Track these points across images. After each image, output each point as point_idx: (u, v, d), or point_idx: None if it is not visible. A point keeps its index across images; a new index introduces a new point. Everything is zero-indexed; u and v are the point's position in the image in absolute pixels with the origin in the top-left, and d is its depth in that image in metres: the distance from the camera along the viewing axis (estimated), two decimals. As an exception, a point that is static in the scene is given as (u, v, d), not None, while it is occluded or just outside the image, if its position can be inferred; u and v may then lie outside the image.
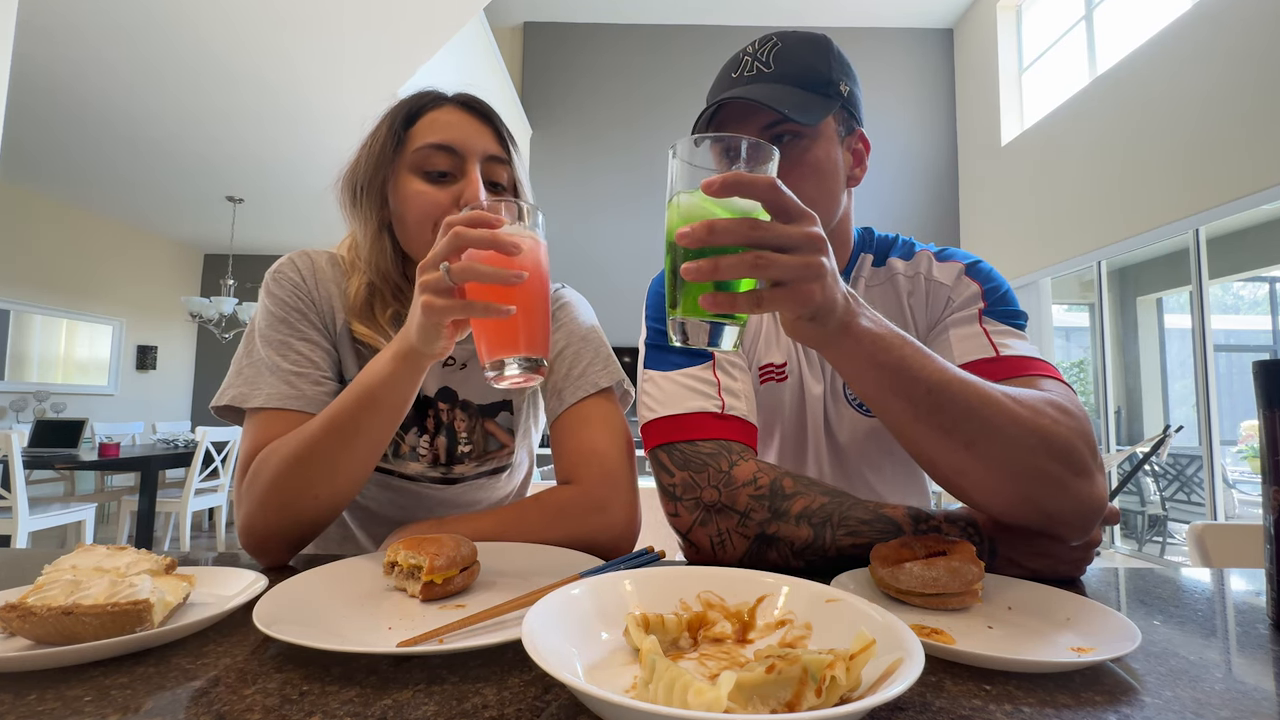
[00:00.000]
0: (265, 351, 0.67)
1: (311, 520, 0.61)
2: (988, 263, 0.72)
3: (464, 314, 0.49)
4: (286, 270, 0.72)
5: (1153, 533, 4.47)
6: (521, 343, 0.52)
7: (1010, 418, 0.49)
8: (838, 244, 0.75)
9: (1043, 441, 0.50)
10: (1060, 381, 0.59)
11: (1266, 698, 0.35)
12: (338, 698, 0.32)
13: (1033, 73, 5.69)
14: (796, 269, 0.40)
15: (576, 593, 0.40)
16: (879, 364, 0.47)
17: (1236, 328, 5.67)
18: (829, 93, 0.67)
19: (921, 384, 0.48)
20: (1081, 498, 0.51)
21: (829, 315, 0.44)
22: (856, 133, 0.72)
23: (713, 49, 6.56)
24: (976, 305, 0.67)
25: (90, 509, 3.24)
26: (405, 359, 0.55)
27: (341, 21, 2.96)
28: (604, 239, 6.24)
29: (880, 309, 0.62)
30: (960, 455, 0.50)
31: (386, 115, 0.72)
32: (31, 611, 0.36)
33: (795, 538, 0.57)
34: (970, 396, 0.49)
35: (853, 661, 0.29)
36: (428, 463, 0.77)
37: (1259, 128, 3.39)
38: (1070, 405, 0.54)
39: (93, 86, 3.40)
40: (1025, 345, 0.64)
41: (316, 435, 0.58)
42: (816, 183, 0.67)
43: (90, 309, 5.67)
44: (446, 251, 0.48)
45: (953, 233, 6.32)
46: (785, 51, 0.67)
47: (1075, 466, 0.51)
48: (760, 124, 0.66)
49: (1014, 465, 0.50)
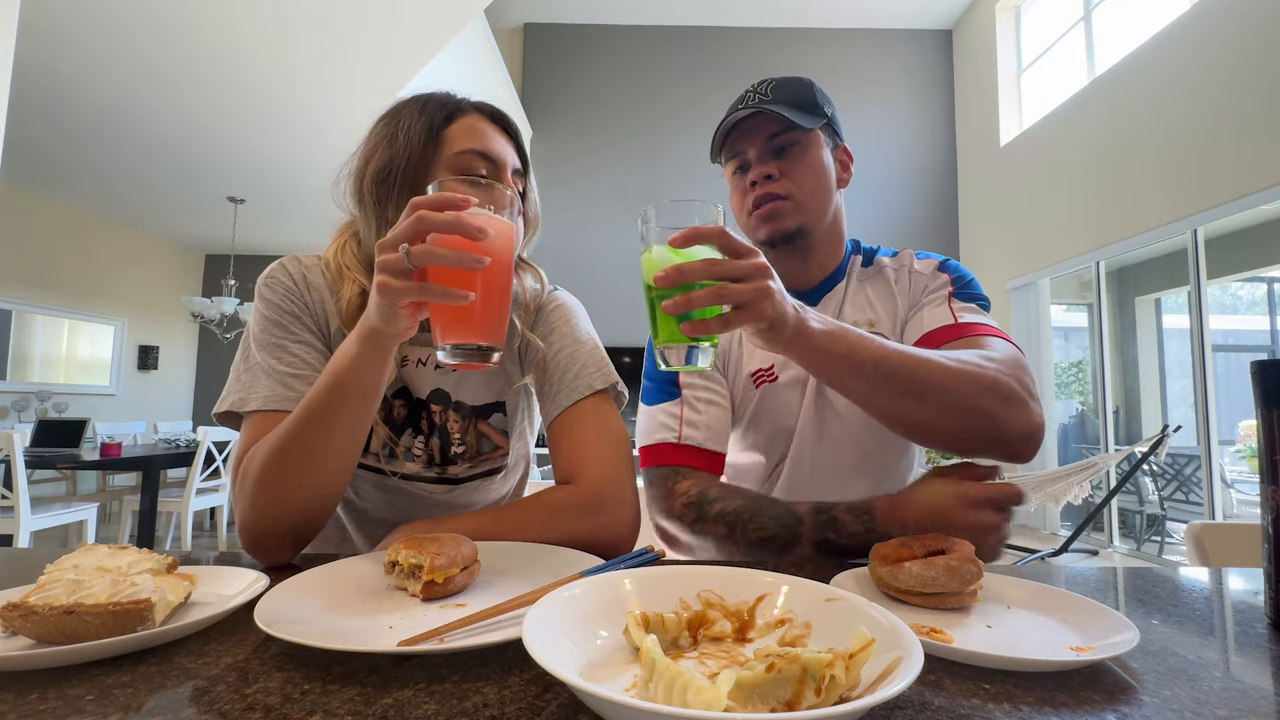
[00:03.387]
0: (260, 355, 0.67)
1: (302, 513, 0.61)
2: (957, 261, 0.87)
3: (420, 297, 0.48)
4: (278, 274, 0.72)
5: (1151, 532, 4.46)
6: (477, 329, 0.50)
7: (943, 370, 0.62)
8: (831, 238, 0.88)
9: (973, 383, 0.62)
10: (1004, 339, 0.73)
11: (1265, 696, 0.35)
12: (339, 696, 0.32)
13: (1031, 73, 5.70)
14: (750, 293, 0.50)
15: (576, 592, 0.40)
16: (831, 354, 0.58)
17: (1235, 328, 5.68)
18: (816, 112, 0.83)
19: (869, 361, 0.60)
20: (1017, 420, 0.64)
21: (783, 325, 0.54)
22: (840, 147, 0.89)
23: (712, 49, 6.56)
24: (946, 289, 0.82)
25: (92, 508, 3.24)
26: (368, 340, 0.54)
27: (343, 22, 2.96)
28: (603, 239, 6.24)
29: (875, 291, 0.87)
30: (914, 409, 0.62)
31: (418, 111, 0.71)
32: (33, 611, 0.36)
33: (715, 533, 0.72)
34: (909, 362, 0.61)
35: (852, 660, 0.29)
36: (423, 463, 0.77)
37: (1257, 128, 3.40)
38: (1000, 354, 0.68)
39: (94, 87, 3.40)
40: (981, 317, 0.78)
41: (294, 427, 0.58)
42: (814, 178, 0.83)
43: (92, 309, 5.67)
44: (407, 233, 0.47)
45: (951, 233, 6.32)
46: (779, 86, 0.84)
47: (1005, 396, 0.64)
48: (767, 133, 0.82)
49: (955, 406, 0.62)
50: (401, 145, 0.69)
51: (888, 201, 6.29)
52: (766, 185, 0.82)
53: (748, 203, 0.84)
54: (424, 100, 0.72)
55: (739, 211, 0.87)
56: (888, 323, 0.85)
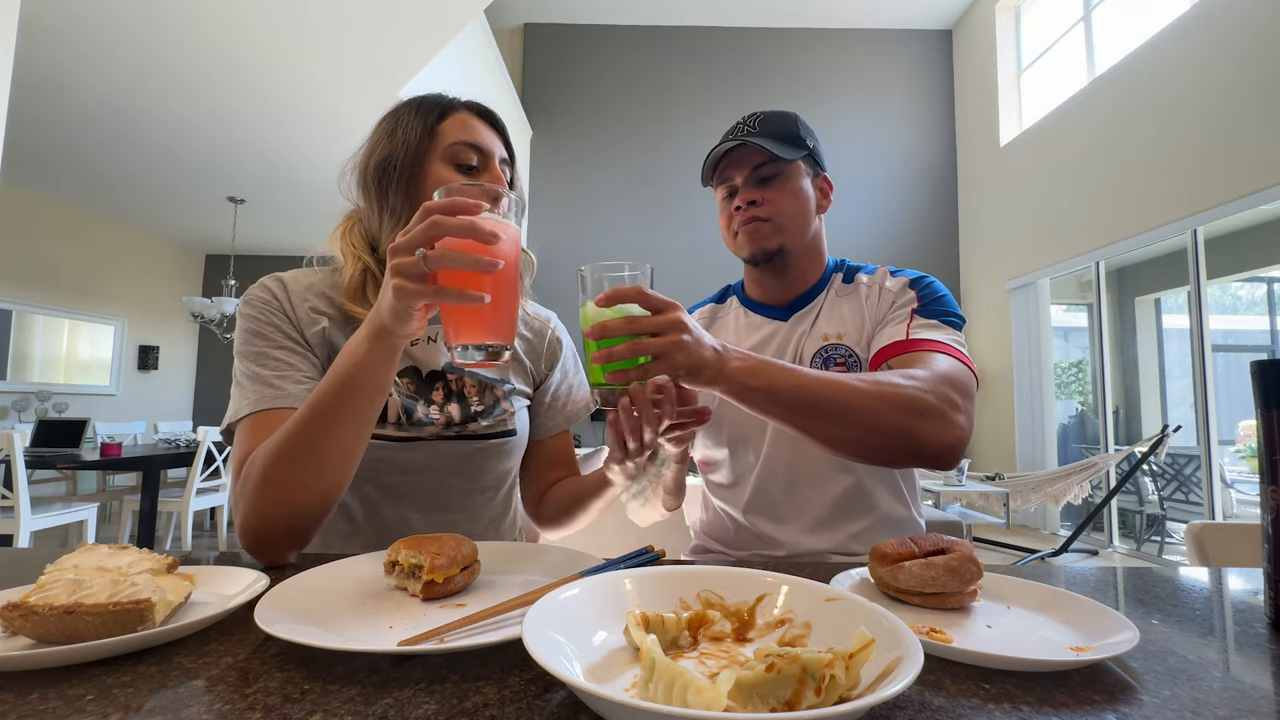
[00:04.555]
0: (244, 365, 0.70)
1: (305, 513, 0.61)
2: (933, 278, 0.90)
3: (437, 300, 0.50)
4: (255, 292, 0.76)
5: (1151, 532, 4.46)
6: (490, 329, 0.52)
7: (857, 392, 0.66)
8: (810, 257, 0.95)
9: (885, 401, 0.66)
10: (951, 355, 0.76)
11: (1264, 696, 0.35)
12: (339, 696, 0.32)
13: (1031, 74, 5.70)
14: (663, 346, 0.56)
15: (576, 592, 0.40)
16: (751, 388, 0.63)
17: (1234, 328, 5.67)
18: (799, 144, 0.90)
19: (785, 390, 0.64)
20: (933, 432, 0.67)
21: (700, 369, 0.59)
22: (821, 176, 0.95)
23: (711, 50, 6.56)
24: (910, 307, 0.85)
25: (92, 508, 3.24)
26: (378, 339, 0.56)
27: (343, 23, 2.96)
28: (603, 239, 6.25)
29: (847, 307, 0.92)
30: (832, 430, 0.66)
31: (414, 110, 0.78)
32: (34, 610, 0.36)
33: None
34: (825, 387, 0.65)
35: (852, 660, 0.29)
36: (441, 426, 0.80)
37: (1257, 128, 3.40)
38: (931, 370, 0.71)
39: (94, 88, 3.40)
40: (937, 333, 0.80)
41: (299, 425, 0.59)
42: (794, 204, 0.90)
43: (92, 309, 5.67)
44: (422, 238, 0.48)
45: (951, 233, 6.32)
46: (766, 120, 0.91)
47: (920, 411, 0.67)
48: (752, 164, 0.89)
49: (870, 425, 0.66)
50: (400, 140, 0.76)
51: (888, 202, 6.29)
52: (750, 210, 0.89)
53: (734, 224, 0.91)
54: (419, 101, 0.80)
55: (726, 232, 0.94)
56: (854, 337, 0.88)
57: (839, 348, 0.88)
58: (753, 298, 0.99)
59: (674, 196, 6.27)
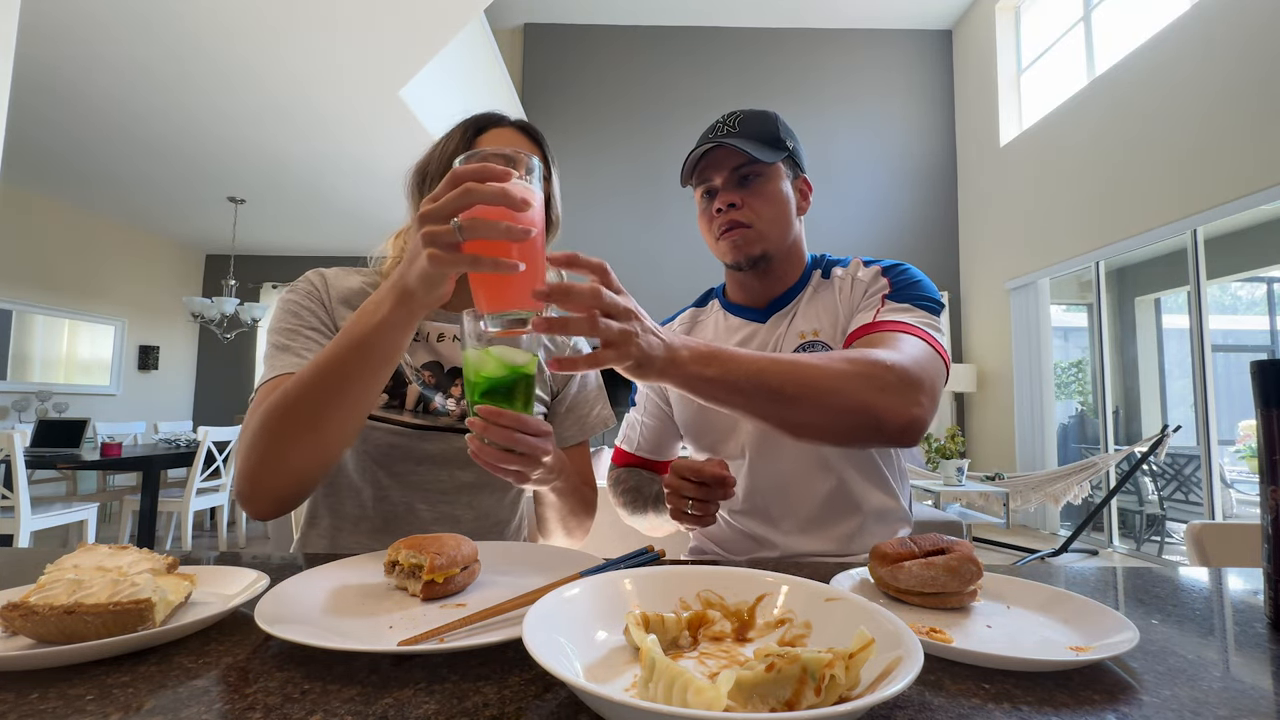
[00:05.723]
0: (275, 338, 0.74)
1: (297, 469, 0.62)
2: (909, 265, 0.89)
3: (472, 269, 0.49)
4: (300, 282, 0.81)
5: (1151, 532, 4.46)
6: (520, 297, 0.51)
7: (817, 371, 0.64)
8: (790, 259, 0.94)
9: (843, 378, 0.64)
10: (918, 336, 0.75)
11: (1264, 696, 0.35)
12: (339, 696, 0.32)
13: (1031, 74, 5.69)
14: (617, 333, 0.53)
15: (576, 592, 0.40)
16: (706, 378, 0.60)
17: (1234, 328, 5.67)
18: (779, 146, 0.89)
19: (743, 376, 0.61)
20: (893, 406, 0.65)
21: (650, 362, 0.56)
22: (801, 178, 0.94)
23: (712, 50, 6.56)
24: (882, 293, 0.85)
25: (92, 508, 3.23)
26: (401, 303, 0.55)
27: (343, 23, 2.96)
28: (603, 239, 6.25)
29: (823, 303, 0.91)
30: (793, 413, 0.63)
31: (462, 124, 0.83)
32: (34, 610, 0.36)
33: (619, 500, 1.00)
34: (783, 369, 0.63)
35: (852, 660, 0.29)
36: (456, 418, 0.81)
37: (1256, 129, 3.40)
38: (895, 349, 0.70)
39: (95, 87, 3.40)
40: (908, 315, 0.79)
41: (304, 381, 0.59)
42: (774, 208, 0.89)
43: (92, 309, 5.67)
44: (454, 206, 0.48)
45: (951, 233, 6.32)
46: (746, 120, 0.90)
47: (879, 386, 0.65)
48: (733, 164, 0.88)
49: (830, 405, 0.64)
50: (440, 147, 0.81)
51: (887, 202, 6.29)
52: (730, 213, 0.89)
53: (715, 228, 0.91)
54: (472, 117, 0.84)
55: (707, 234, 0.94)
56: (830, 332, 0.88)
57: (815, 344, 0.88)
58: (734, 300, 1.00)
59: (674, 196, 6.27)
